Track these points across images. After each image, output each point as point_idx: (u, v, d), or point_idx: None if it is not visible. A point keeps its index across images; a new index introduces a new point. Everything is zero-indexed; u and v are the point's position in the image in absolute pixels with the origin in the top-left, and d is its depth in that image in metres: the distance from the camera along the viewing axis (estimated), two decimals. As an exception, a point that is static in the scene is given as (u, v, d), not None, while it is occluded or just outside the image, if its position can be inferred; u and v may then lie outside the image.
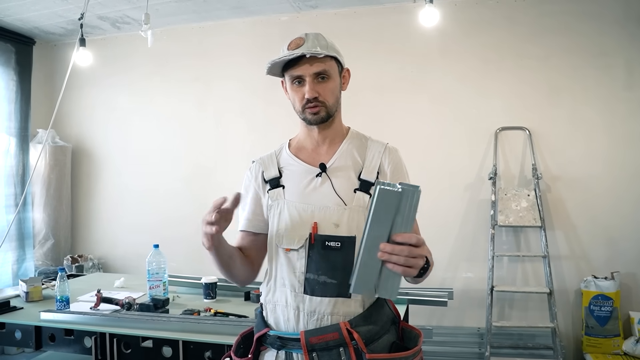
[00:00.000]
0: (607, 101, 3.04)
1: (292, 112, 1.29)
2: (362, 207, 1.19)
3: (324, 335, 1.12)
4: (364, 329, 1.14)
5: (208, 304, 2.26)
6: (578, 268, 3.07)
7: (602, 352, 2.86)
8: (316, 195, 1.21)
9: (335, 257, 1.15)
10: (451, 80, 3.28)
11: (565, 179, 3.11)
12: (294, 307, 1.17)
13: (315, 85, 1.19)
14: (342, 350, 1.12)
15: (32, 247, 3.79)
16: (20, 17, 3.46)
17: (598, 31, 3.04)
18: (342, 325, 1.12)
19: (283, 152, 1.32)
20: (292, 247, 1.18)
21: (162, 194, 3.81)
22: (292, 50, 1.18)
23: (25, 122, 3.76)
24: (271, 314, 1.22)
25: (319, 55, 1.17)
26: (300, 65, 1.19)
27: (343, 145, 1.28)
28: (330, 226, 1.17)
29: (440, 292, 2.35)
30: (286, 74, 1.23)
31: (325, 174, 1.23)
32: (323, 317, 1.15)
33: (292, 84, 1.22)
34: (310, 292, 1.16)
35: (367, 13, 3.39)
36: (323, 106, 1.21)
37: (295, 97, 1.23)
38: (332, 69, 1.22)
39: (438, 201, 3.20)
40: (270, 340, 1.20)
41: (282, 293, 1.20)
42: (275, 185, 1.25)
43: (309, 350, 1.12)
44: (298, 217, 1.19)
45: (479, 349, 3.11)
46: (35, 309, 2.15)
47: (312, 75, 1.19)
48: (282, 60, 1.19)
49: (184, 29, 3.75)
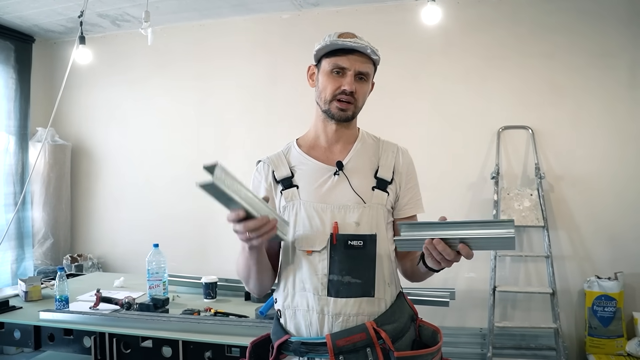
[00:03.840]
0: (610, 100, 3.02)
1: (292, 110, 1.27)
2: (381, 205, 1.18)
3: (351, 337, 1.10)
4: (390, 327, 1.12)
5: (208, 304, 2.25)
6: (581, 268, 3.06)
7: (605, 353, 2.84)
8: (334, 194, 1.19)
9: (358, 257, 1.14)
10: (453, 79, 3.26)
11: (568, 179, 3.09)
12: (318, 311, 1.13)
13: (354, 82, 1.19)
14: (369, 351, 1.10)
15: (32, 246, 3.77)
16: (19, 14, 3.44)
17: (601, 30, 3.02)
18: (368, 325, 1.10)
19: (292, 151, 1.29)
20: (314, 248, 1.15)
21: (162, 193, 3.80)
22: (346, 40, 1.17)
23: (25, 120, 3.74)
24: (291, 320, 1.18)
25: (373, 56, 1.18)
26: (350, 58, 1.18)
27: (357, 145, 1.27)
28: (352, 225, 1.15)
29: (442, 292, 2.34)
30: (327, 60, 1.20)
31: (342, 172, 1.21)
32: (349, 318, 1.12)
33: (330, 72, 1.20)
34: (335, 293, 1.13)
35: (369, 11, 3.37)
36: (353, 104, 1.21)
37: (329, 85, 1.20)
38: (371, 75, 1.23)
39: (440, 201, 3.18)
40: (293, 347, 1.16)
41: (302, 297, 1.16)
42: (288, 185, 1.22)
43: (335, 353, 1.09)
44: (317, 217, 1.16)
45: (481, 349, 3.09)
46: (34, 309, 2.14)
47: (356, 71, 1.19)
48: (338, 46, 1.17)
49: (185, 26, 3.74)
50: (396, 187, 1.23)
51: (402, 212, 1.25)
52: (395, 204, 1.24)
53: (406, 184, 1.25)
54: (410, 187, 1.26)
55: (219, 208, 1.02)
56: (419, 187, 1.29)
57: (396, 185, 1.23)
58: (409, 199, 1.25)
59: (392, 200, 1.22)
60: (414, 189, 1.27)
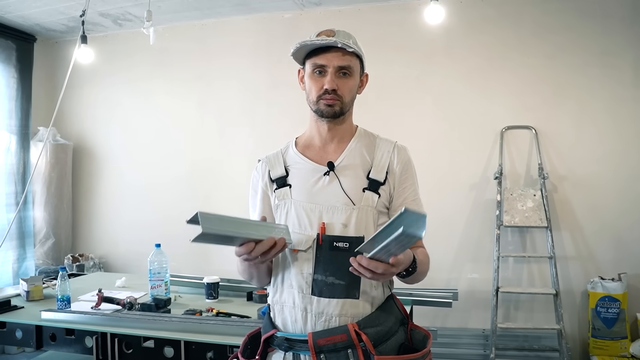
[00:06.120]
0: (613, 100, 3.01)
1: (294, 109, 1.27)
2: (370, 207, 1.17)
3: (332, 337, 1.11)
4: (373, 331, 1.12)
5: (210, 304, 2.24)
6: (584, 269, 3.04)
7: (608, 354, 2.83)
8: (324, 195, 1.19)
9: (343, 258, 1.13)
10: (456, 79, 3.25)
11: (572, 179, 3.08)
12: (302, 309, 1.15)
13: (336, 79, 1.19)
14: (350, 352, 1.11)
15: (33, 246, 3.77)
16: (21, 14, 3.44)
17: (604, 30, 3.01)
18: (350, 327, 1.11)
19: (290, 150, 1.30)
20: (300, 248, 1.16)
21: (164, 193, 3.79)
22: (315, 39, 1.17)
23: (26, 120, 3.74)
24: (279, 315, 1.20)
25: (348, 49, 1.16)
26: (327, 56, 1.18)
27: (351, 144, 1.26)
28: (339, 226, 1.16)
29: (445, 293, 2.33)
30: (308, 61, 1.22)
31: (333, 172, 1.21)
32: (331, 318, 1.13)
33: (312, 73, 1.21)
34: (318, 293, 1.14)
35: (371, 10, 3.36)
36: (339, 101, 1.20)
37: (313, 87, 1.21)
38: (355, 68, 1.22)
39: (443, 201, 3.17)
40: (278, 341, 1.18)
41: (289, 294, 1.18)
42: (281, 184, 1.24)
43: (316, 352, 1.11)
44: (305, 217, 1.18)
45: (484, 350, 3.08)
46: (36, 308, 2.14)
47: (336, 67, 1.18)
48: (311, 45, 1.18)
49: (186, 26, 3.73)
50: (389, 188, 1.21)
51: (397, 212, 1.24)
52: (390, 205, 1.22)
53: (401, 184, 1.22)
54: (405, 187, 1.23)
55: (220, 208, 1.02)
56: (417, 187, 1.26)
57: (389, 185, 1.21)
58: (403, 199, 1.22)
59: (385, 202, 1.20)
60: (409, 188, 1.23)
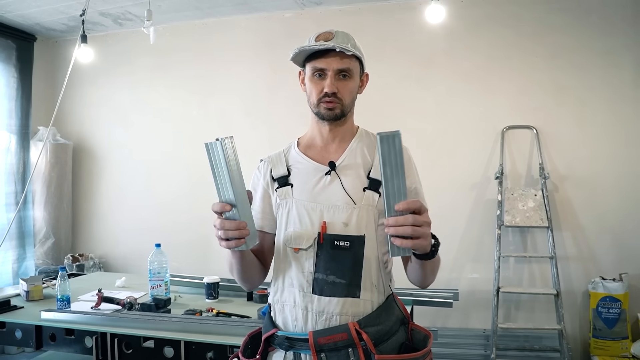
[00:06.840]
0: (615, 100, 3.00)
1: (295, 109, 1.26)
2: (371, 206, 1.18)
3: (332, 336, 1.11)
4: (373, 330, 1.12)
5: (210, 304, 2.24)
6: (585, 269, 3.04)
7: (609, 354, 2.83)
8: (325, 194, 1.20)
9: (344, 257, 1.14)
10: (457, 78, 3.25)
11: (573, 179, 3.07)
12: (302, 307, 1.15)
13: (336, 82, 1.19)
14: (350, 351, 1.11)
15: (33, 246, 3.77)
16: (21, 13, 3.43)
17: (605, 29, 3.00)
18: (350, 326, 1.11)
19: (292, 150, 1.30)
20: (301, 246, 1.17)
21: (164, 193, 3.79)
22: (320, 41, 1.18)
23: (26, 119, 3.74)
24: (279, 314, 1.20)
25: (347, 52, 1.16)
26: (326, 59, 1.18)
27: (352, 144, 1.27)
28: (340, 225, 1.16)
29: (446, 293, 2.33)
30: (308, 64, 1.22)
31: (335, 172, 1.21)
32: (332, 317, 1.13)
33: (312, 76, 1.21)
34: (319, 292, 1.14)
35: (372, 10, 3.36)
36: (339, 103, 1.20)
37: (313, 90, 1.21)
38: (355, 69, 1.22)
39: (443, 201, 3.16)
40: (279, 340, 1.18)
41: (290, 293, 1.18)
42: (283, 183, 1.24)
43: (317, 350, 1.11)
44: (307, 216, 1.18)
45: (485, 350, 3.08)
46: (35, 308, 2.13)
47: (335, 70, 1.18)
48: (309, 50, 1.19)
49: (187, 25, 3.73)
50: None
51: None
52: None
53: None
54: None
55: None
56: (420, 184, 1.26)
57: None
58: None
59: None
60: (410, 187, 1.23)
